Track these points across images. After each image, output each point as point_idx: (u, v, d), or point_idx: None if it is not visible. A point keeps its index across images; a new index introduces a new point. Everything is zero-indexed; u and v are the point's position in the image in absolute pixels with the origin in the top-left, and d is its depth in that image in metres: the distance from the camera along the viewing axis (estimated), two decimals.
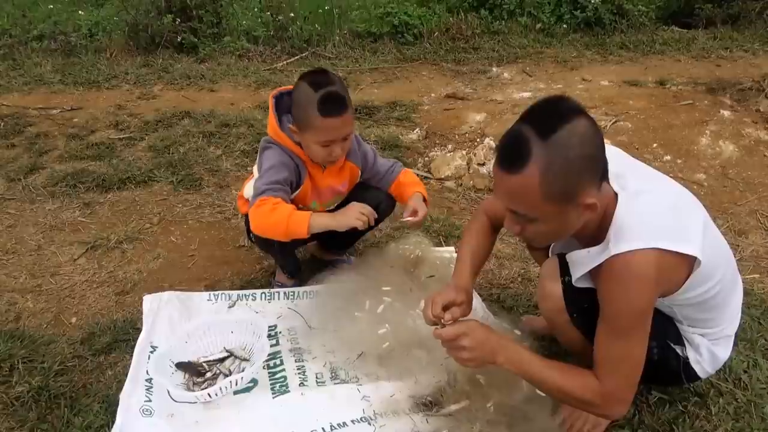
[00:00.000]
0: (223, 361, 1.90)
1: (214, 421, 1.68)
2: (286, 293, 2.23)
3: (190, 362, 1.87)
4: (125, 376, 1.81)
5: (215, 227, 2.79)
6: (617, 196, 1.41)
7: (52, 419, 1.74)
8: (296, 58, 5.32)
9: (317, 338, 1.99)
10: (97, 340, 2.05)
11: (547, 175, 1.27)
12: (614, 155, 1.42)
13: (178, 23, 5.35)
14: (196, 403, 1.72)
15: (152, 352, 1.89)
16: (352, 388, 1.78)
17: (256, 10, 5.89)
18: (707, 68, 4.87)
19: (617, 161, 1.45)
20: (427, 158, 3.51)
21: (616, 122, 3.79)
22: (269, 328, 2.03)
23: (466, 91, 4.51)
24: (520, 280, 2.42)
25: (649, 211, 1.39)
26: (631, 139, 3.62)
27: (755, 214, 2.94)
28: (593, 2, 5.76)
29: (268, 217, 1.91)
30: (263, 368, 1.86)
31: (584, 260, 1.45)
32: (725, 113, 3.87)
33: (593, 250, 1.42)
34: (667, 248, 1.33)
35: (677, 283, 1.42)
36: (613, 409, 1.45)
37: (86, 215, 2.87)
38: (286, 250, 2.18)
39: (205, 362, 1.89)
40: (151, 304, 2.08)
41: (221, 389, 1.73)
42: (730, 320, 1.59)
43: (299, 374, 1.85)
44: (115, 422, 1.64)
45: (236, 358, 1.90)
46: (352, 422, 1.66)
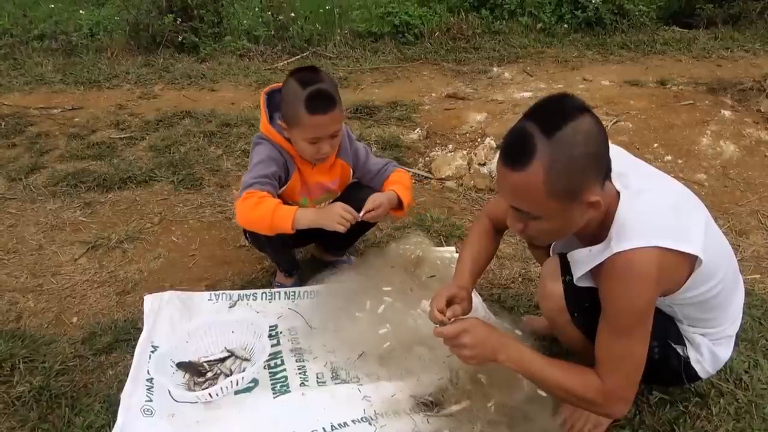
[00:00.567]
0: (223, 361, 1.90)
1: (214, 421, 1.68)
2: (286, 293, 2.23)
3: (190, 362, 1.87)
4: (126, 375, 1.81)
5: (216, 227, 2.79)
6: (619, 194, 1.41)
7: (53, 419, 1.74)
8: (297, 57, 5.32)
9: (318, 338, 1.99)
10: (98, 339, 2.05)
11: (551, 172, 1.27)
12: (616, 154, 1.42)
13: (179, 23, 5.36)
14: (197, 403, 1.72)
15: (153, 351, 1.89)
16: (352, 388, 1.78)
17: (256, 9, 5.89)
18: (708, 68, 4.87)
19: (619, 160, 1.44)
20: (427, 158, 3.51)
21: (616, 122, 3.78)
22: (270, 328, 2.03)
23: (466, 90, 4.51)
24: (520, 280, 2.42)
25: (650, 209, 1.39)
26: (631, 139, 3.62)
27: (756, 214, 2.94)
28: (594, 2, 5.75)
29: (253, 210, 1.91)
30: (264, 368, 1.86)
31: (585, 259, 1.45)
32: (726, 113, 3.86)
33: (595, 248, 1.42)
34: (668, 247, 1.33)
35: (678, 282, 1.42)
36: (614, 407, 1.45)
37: (87, 215, 2.87)
38: (277, 247, 2.18)
39: (205, 362, 1.89)
40: (152, 303, 2.08)
41: (222, 389, 1.73)
42: (731, 320, 1.59)
43: (300, 374, 1.85)
44: (116, 422, 1.64)
45: (237, 358, 1.90)
46: (352, 422, 1.66)
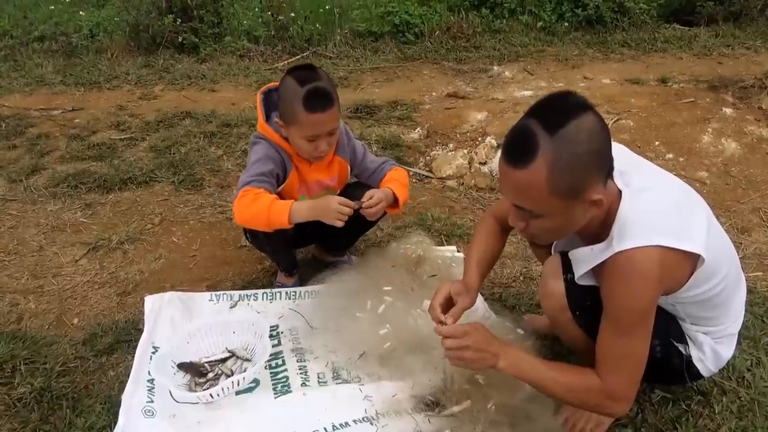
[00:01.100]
0: (224, 361, 1.89)
1: (216, 421, 1.68)
2: (287, 293, 2.22)
3: (191, 363, 1.87)
4: (127, 376, 1.81)
5: (216, 227, 2.79)
6: (621, 193, 1.41)
7: (54, 420, 1.74)
8: (297, 57, 5.31)
9: (319, 338, 1.99)
10: (99, 340, 2.05)
11: (554, 170, 1.27)
12: (618, 152, 1.42)
13: (179, 23, 5.35)
14: (198, 403, 1.72)
15: (154, 352, 1.89)
16: (353, 388, 1.77)
17: (256, 9, 5.89)
18: (709, 66, 4.86)
19: (621, 158, 1.44)
20: (428, 157, 3.51)
21: (617, 120, 3.78)
22: (271, 328, 2.03)
23: (467, 89, 4.50)
24: (522, 279, 2.41)
25: (652, 208, 1.38)
26: (633, 137, 3.61)
27: (758, 211, 2.93)
28: (594, 0, 5.74)
29: (249, 207, 1.91)
30: (265, 368, 1.86)
31: (587, 258, 1.44)
32: (727, 111, 3.85)
33: (596, 247, 1.42)
34: (670, 246, 1.32)
35: (680, 280, 1.41)
36: (616, 407, 1.45)
37: (88, 216, 2.87)
38: (276, 246, 2.17)
39: (206, 362, 1.88)
40: (152, 304, 2.08)
41: (223, 389, 1.72)
42: (733, 318, 1.58)
43: (301, 374, 1.84)
44: (117, 423, 1.64)
45: (238, 358, 1.90)
46: (354, 422, 1.66)
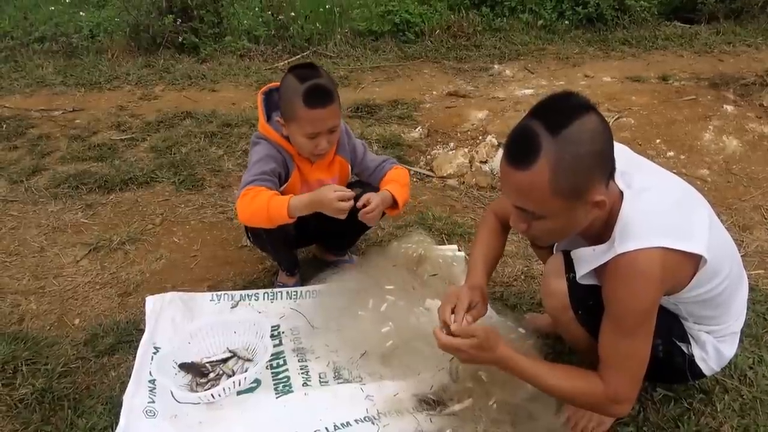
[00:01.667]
0: (226, 361, 1.89)
1: (217, 421, 1.68)
2: (288, 293, 2.22)
3: (193, 363, 1.87)
4: (128, 377, 1.81)
5: (217, 227, 2.79)
6: (622, 193, 1.40)
7: (55, 421, 1.74)
8: (297, 57, 5.30)
9: (320, 338, 1.98)
10: (100, 341, 2.05)
11: (557, 171, 1.26)
12: (619, 152, 1.41)
13: (179, 23, 5.35)
14: (199, 403, 1.72)
15: (155, 353, 1.89)
16: (355, 387, 1.77)
17: (256, 9, 5.87)
18: (710, 63, 4.85)
19: (622, 158, 1.44)
20: (429, 156, 3.50)
21: (618, 118, 3.77)
22: (272, 328, 2.03)
23: (467, 88, 4.49)
24: (523, 278, 2.41)
25: (653, 209, 1.38)
26: (633, 135, 3.61)
27: (759, 209, 2.93)
28: None
29: (250, 204, 1.91)
30: (266, 368, 1.86)
31: (589, 258, 1.44)
32: (728, 108, 3.85)
33: (599, 248, 1.41)
34: (672, 247, 1.32)
35: (683, 281, 1.41)
36: (618, 408, 1.45)
37: (89, 216, 2.87)
38: (277, 245, 2.17)
39: (208, 363, 1.88)
40: (153, 304, 2.08)
41: (224, 390, 1.72)
42: (735, 317, 1.58)
43: (302, 374, 1.84)
44: (118, 424, 1.64)
45: (239, 358, 1.90)
46: (355, 422, 1.66)
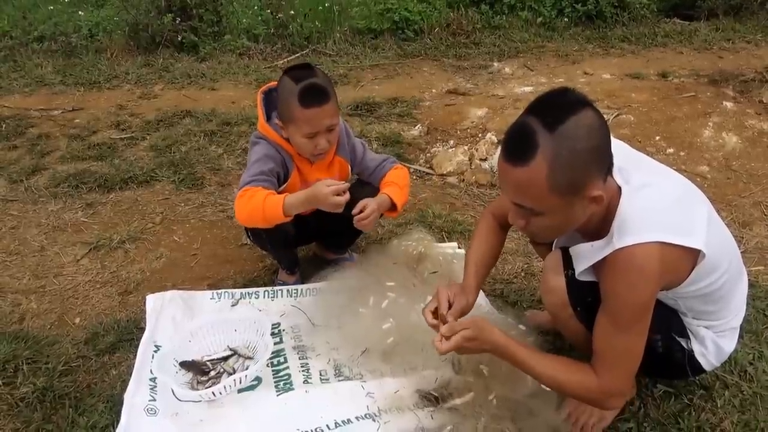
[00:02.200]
0: (226, 359, 1.89)
1: (218, 419, 1.68)
2: (289, 291, 2.22)
3: (193, 361, 1.87)
4: (129, 375, 1.82)
5: (217, 226, 2.79)
6: (620, 189, 1.40)
7: (57, 419, 1.74)
8: (297, 55, 5.31)
9: (321, 335, 1.99)
10: (101, 340, 2.05)
11: (554, 167, 1.26)
12: (617, 148, 1.41)
13: (178, 22, 5.35)
14: (200, 401, 1.72)
15: (156, 351, 1.89)
16: (356, 384, 1.78)
17: (256, 8, 5.87)
18: (709, 60, 4.85)
19: (621, 154, 1.44)
20: (428, 154, 3.51)
21: (618, 115, 3.77)
22: (272, 326, 2.03)
23: (467, 86, 4.49)
24: (523, 275, 2.41)
25: (652, 204, 1.38)
26: (633, 132, 3.61)
27: (759, 205, 2.93)
28: None
29: (246, 205, 1.91)
30: (267, 366, 1.86)
31: (588, 254, 1.44)
32: (728, 105, 3.85)
33: (597, 243, 1.41)
34: (670, 242, 1.32)
35: (681, 276, 1.41)
36: (610, 401, 1.47)
37: (89, 216, 2.88)
38: (277, 244, 2.17)
39: (208, 361, 1.88)
40: (154, 303, 2.08)
41: (225, 387, 1.73)
42: (735, 312, 1.58)
43: (303, 371, 1.84)
44: (119, 422, 1.64)
45: (240, 356, 1.90)
46: (356, 419, 1.66)
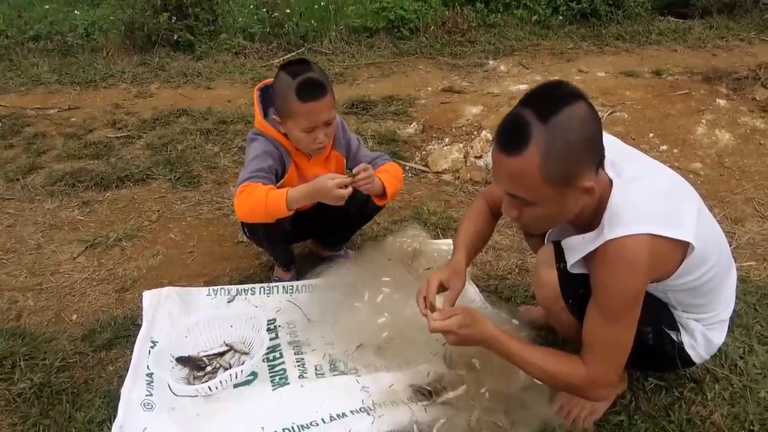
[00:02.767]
0: (222, 355, 1.91)
1: (214, 413, 1.70)
2: (284, 287, 2.24)
3: (190, 357, 1.88)
4: (126, 371, 1.83)
5: (214, 224, 2.81)
6: (612, 182, 1.42)
7: (54, 415, 1.75)
8: (292, 54, 5.31)
9: (316, 331, 2.00)
10: (97, 336, 2.06)
11: (547, 157, 1.28)
12: (609, 143, 1.44)
13: (174, 21, 5.35)
14: (196, 396, 1.74)
15: (152, 347, 1.90)
16: (351, 379, 1.79)
17: (251, 7, 5.88)
18: (703, 58, 4.88)
19: (612, 149, 1.46)
20: (424, 152, 3.52)
21: (612, 113, 3.79)
22: (268, 321, 2.04)
23: (462, 84, 4.51)
24: (517, 271, 2.43)
25: (643, 197, 1.40)
26: (627, 129, 3.63)
27: (751, 202, 2.95)
28: None
29: (247, 200, 1.92)
30: (263, 361, 1.87)
31: (579, 246, 1.46)
32: (721, 102, 3.87)
33: (588, 236, 1.43)
34: (660, 234, 1.34)
35: (670, 268, 1.43)
36: (598, 391, 1.48)
37: (85, 214, 2.89)
38: (274, 240, 2.19)
39: (205, 356, 1.90)
40: (150, 299, 2.09)
41: (221, 382, 1.74)
42: (724, 305, 1.60)
43: (299, 366, 1.86)
44: (116, 417, 1.66)
45: (236, 351, 1.92)
46: (351, 413, 1.68)
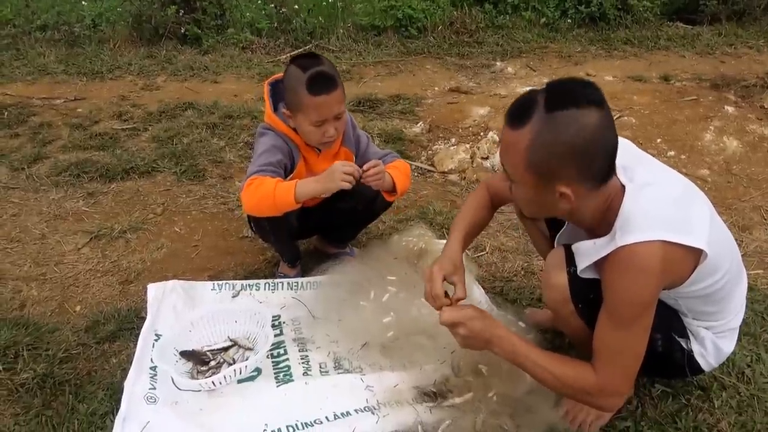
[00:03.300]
0: (227, 350, 1.90)
1: (217, 408, 1.69)
2: (289, 284, 2.23)
3: (194, 351, 1.88)
4: (129, 363, 1.82)
5: (218, 218, 2.80)
6: (624, 188, 1.41)
7: (56, 406, 1.74)
8: (300, 50, 5.30)
9: (321, 328, 1.99)
10: (101, 328, 2.05)
11: (534, 143, 1.32)
12: (623, 147, 1.42)
13: (181, 15, 5.35)
14: (200, 391, 1.73)
15: (156, 340, 1.89)
16: (355, 377, 1.78)
17: (259, 2, 5.88)
18: (711, 64, 4.86)
19: (625, 153, 1.45)
20: (430, 152, 3.51)
21: (620, 117, 3.78)
22: (273, 317, 2.03)
23: (469, 85, 4.50)
24: (523, 273, 2.42)
25: (655, 203, 1.38)
26: (635, 134, 3.62)
27: (759, 210, 2.94)
28: None
29: (255, 193, 1.90)
30: (267, 357, 1.87)
31: (590, 251, 1.45)
32: (729, 109, 3.86)
33: (599, 241, 1.42)
34: (673, 240, 1.33)
35: (683, 275, 1.42)
36: (608, 400, 1.46)
37: (90, 205, 2.88)
38: (280, 236, 2.18)
39: (209, 351, 1.89)
40: (155, 292, 2.08)
41: (225, 378, 1.73)
42: (734, 313, 1.59)
43: (303, 364, 1.85)
44: (119, 409, 1.65)
45: (240, 347, 1.91)
46: (355, 411, 1.67)
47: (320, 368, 1.84)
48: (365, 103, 4.07)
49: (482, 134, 3.60)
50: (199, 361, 1.84)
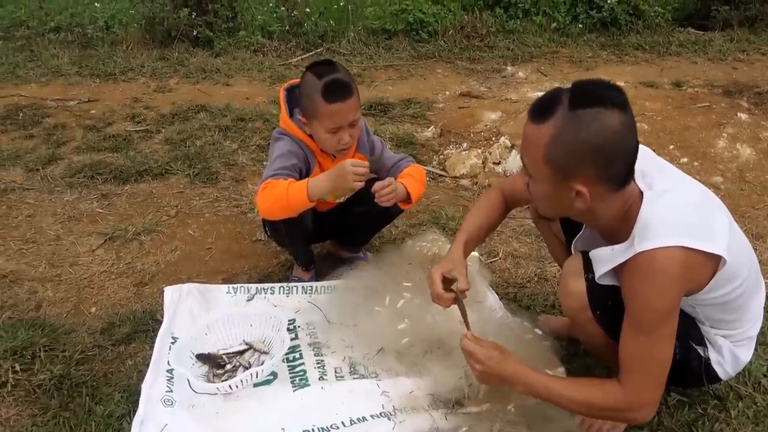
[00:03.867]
0: (242, 353, 1.90)
1: (234, 412, 1.69)
2: (304, 288, 2.23)
3: (210, 354, 1.88)
4: (145, 366, 1.83)
5: (232, 221, 2.81)
6: (642, 194, 1.41)
7: (74, 407, 1.75)
8: (311, 53, 5.32)
9: (336, 333, 1.99)
10: (116, 330, 2.07)
11: (555, 140, 1.33)
12: (642, 154, 1.43)
13: (193, 17, 5.37)
14: (216, 394, 1.74)
15: (173, 343, 1.90)
16: (371, 383, 1.78)
17: (271, 5, 5.89)
18: (724, 70, 4.84)
19: (644, 160, 1.45)
20: (442, 156, 3.52)
21: None
22: (288, 321, 2.04)
23: (480, 89, 4.50)
24: (536, 279, 2.42)
25: (674, 210, 1.39)
26: (647, 140, 3.60)
27: None
28: (609, 2, 5.72)
29: (269, 196, 1.91)
30: (283, 362, 1.87)
31: (608, 258, 1.45)
32: (742, 116, 3.84)
33: (618, 247, 1.42)
34: (692, 247, 1.33)
35: (701, 282, 1.41)
36: (639, 412, 1.43)
37: (104, 206, 2.89)
38: (295, 239, 2.19)
39: (224, 354, 1.90)
40: (172, 295, 2.09)
41: (242, 381, 1.74)
42: (752, 321, 1.58)
43: (318, 368, 1.85)
44: (137, 412, 1.65)
45: (256, 350, 1.91)
46: (371, 417, 1.67)
47: (336, 373, 1.84)
48: (376, 107, 4.08)
49: (494, 139, 3.60)
50: (215, 364, 1.85)
